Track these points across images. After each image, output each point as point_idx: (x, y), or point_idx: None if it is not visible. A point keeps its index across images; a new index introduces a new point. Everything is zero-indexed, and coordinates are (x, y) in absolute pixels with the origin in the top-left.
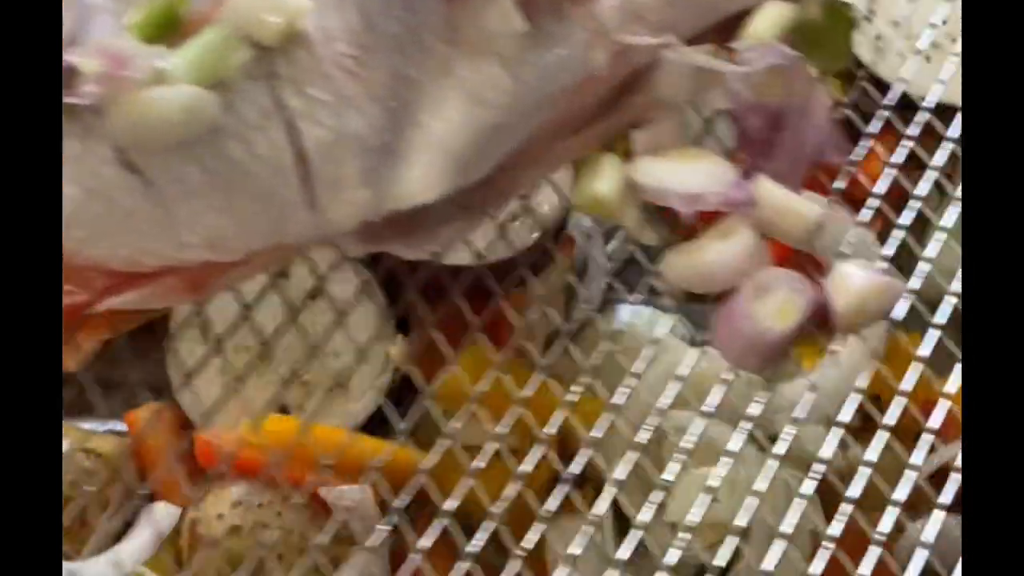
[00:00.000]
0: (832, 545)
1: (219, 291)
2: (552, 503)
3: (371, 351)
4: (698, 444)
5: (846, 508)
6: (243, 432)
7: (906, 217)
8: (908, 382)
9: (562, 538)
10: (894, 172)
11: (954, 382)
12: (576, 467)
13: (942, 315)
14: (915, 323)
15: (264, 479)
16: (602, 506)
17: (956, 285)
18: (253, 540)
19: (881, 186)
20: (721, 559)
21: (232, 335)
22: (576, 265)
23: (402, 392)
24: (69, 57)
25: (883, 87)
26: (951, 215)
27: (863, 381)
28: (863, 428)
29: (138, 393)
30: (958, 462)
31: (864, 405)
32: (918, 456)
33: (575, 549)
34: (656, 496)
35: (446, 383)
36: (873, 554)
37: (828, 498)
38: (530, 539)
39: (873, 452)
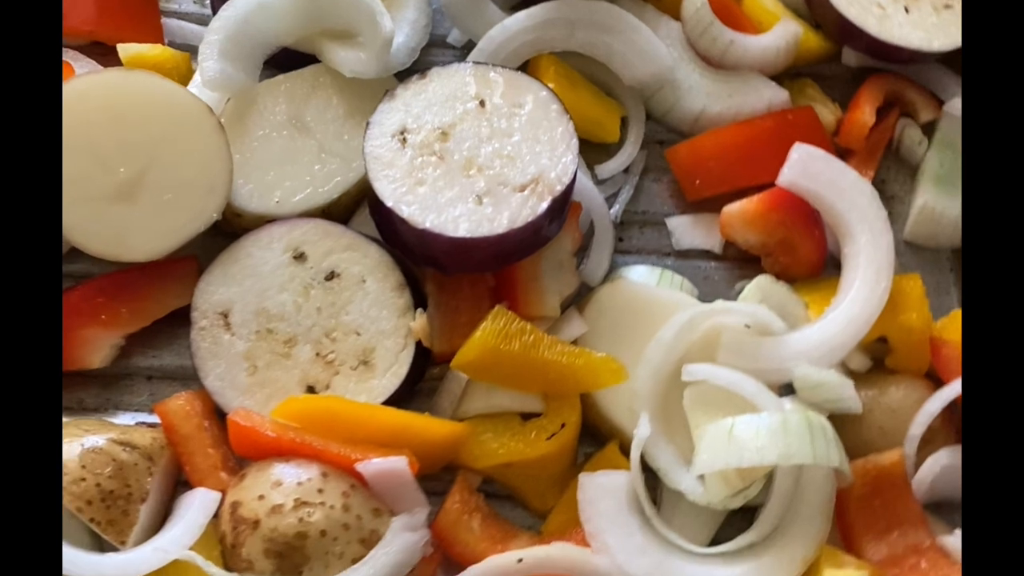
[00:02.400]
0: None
1: None
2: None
3: (392, 327)
4: (718, 394)
5: (865, 446)
6: (274, 414)
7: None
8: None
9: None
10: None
11: (953, 321)
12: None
13: (936, 257)
14: (912, 265)
15: (304, 456)
16: (633, 459)
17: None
18: (295, 518)
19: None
20: (749, 502)
21: (254, 320)
22: (583, 229)
23: (425, 364)
24: None
25: (865, 39)
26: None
27: (868, 327)
28: (873, 369)
29: (165, 384)
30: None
31: (872, 348)
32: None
33: (607, 501)
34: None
35: (467, 352)
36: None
37: (846, 437)
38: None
39: (884, 392)
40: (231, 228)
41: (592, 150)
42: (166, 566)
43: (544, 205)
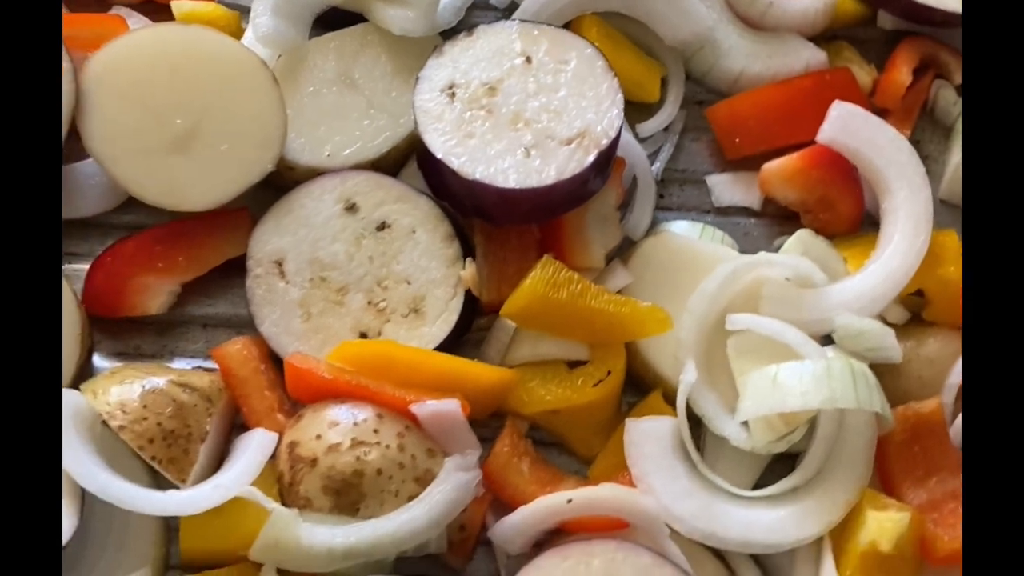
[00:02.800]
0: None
1: None
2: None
3: (441, 276)
4: (761, 343)
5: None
6: (329, 358)
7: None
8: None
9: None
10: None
11: None
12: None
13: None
14: (947, 223)
15: (360, 398)
16: (679, 405)
17: None
18: (352, 457)
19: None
20: (790, 448)
21: (308, 269)
22: (625, 185)
23: (473, 315)
24: None
25: (900, 2)
26: None
27: (907, 279)
28: (910, 321)
29: (220, 332)
30: None
31: (908, 302)
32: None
33: (652, 446)
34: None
35: (517, 299)
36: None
37: (885, 388)
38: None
39: (922, 343)
40: (282, 181)
41: (633, 109)
42: (225, 504)
43: (590, 158)
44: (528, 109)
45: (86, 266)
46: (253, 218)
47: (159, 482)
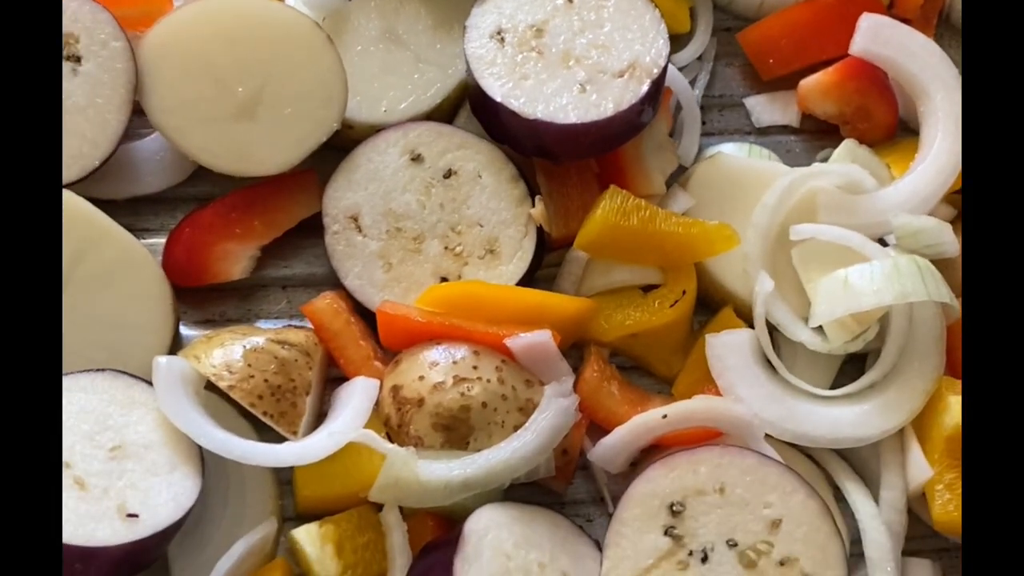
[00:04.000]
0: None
1: None
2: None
3: (512, 216)
4: (824, 250)
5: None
6: (417, 303)
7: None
8: None
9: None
10: None
11: None
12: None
13: None
14: None
15: (454, 338)
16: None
17: None
18: (457, 393)
19: None
20: (865, 345)
21: (383, 221)
22: (672, 111)
23: (542, 252)
24: None
25: None
26: None
27: (955, 175)
28: (957, 218)
29: (300, 292)
30: None
31: (951, 199)
32: None
33: (735, 357)
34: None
35: (589, 231)
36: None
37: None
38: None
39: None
40: (341, 141)
41: None
42: (338, 451)
43: (644, 88)
44: (577, 47)
45: (161, 240)
46: (320, 180)
47: (264, 439)
